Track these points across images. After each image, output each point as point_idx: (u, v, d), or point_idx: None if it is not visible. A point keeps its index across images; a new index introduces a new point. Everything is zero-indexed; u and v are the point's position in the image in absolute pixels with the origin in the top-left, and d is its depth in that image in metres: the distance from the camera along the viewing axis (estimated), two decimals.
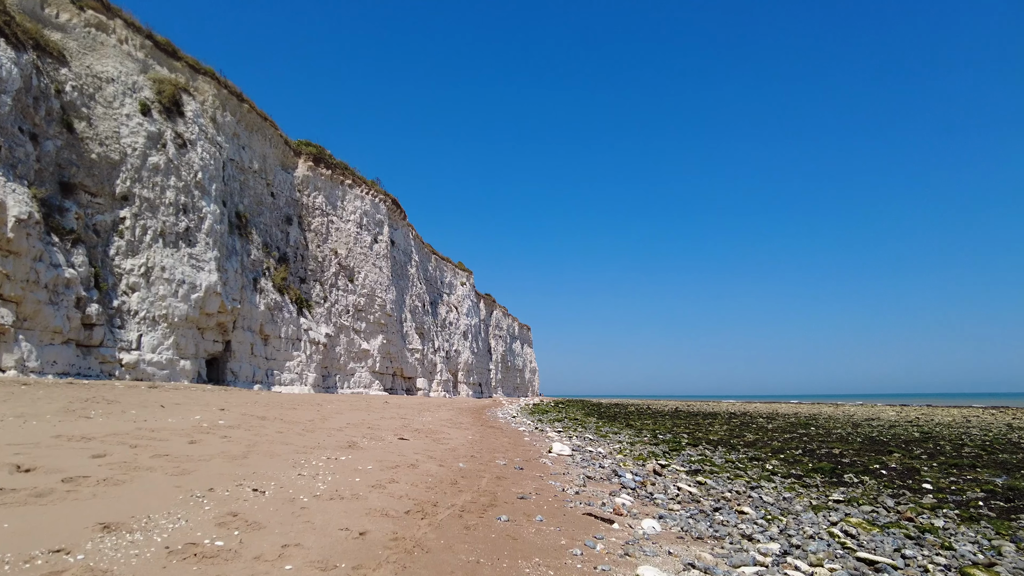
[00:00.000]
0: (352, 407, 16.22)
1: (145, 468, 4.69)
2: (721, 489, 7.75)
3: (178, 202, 21.71)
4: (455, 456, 8.38)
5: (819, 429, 22.02)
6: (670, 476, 8.73)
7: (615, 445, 13.23)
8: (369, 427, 10.73)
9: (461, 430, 13.09)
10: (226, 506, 3.99)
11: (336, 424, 10.55)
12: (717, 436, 18.21)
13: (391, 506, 4.73)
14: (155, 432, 6.56)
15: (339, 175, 33.31)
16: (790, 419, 29.92)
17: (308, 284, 30.55)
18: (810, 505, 7.00)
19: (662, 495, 7.00)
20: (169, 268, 20.89)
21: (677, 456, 11.77)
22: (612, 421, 25.44)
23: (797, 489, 8.22)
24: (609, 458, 10.60)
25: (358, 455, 7.17)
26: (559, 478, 7.51)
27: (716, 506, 6.51)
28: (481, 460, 8.32)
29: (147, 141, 20.90)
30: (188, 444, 6.17)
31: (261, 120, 28.31)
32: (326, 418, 11.58)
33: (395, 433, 10.27)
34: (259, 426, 8.77)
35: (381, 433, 9.99)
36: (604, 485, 7.42)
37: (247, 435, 7.56)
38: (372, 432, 9.97)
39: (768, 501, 7.08)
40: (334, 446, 7.67)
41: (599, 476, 8.07)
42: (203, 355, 22.91)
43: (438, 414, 19.06)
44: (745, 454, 12.84)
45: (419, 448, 8.73)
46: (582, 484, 7.11)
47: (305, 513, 4.13)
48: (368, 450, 7.73)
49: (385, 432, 10.26)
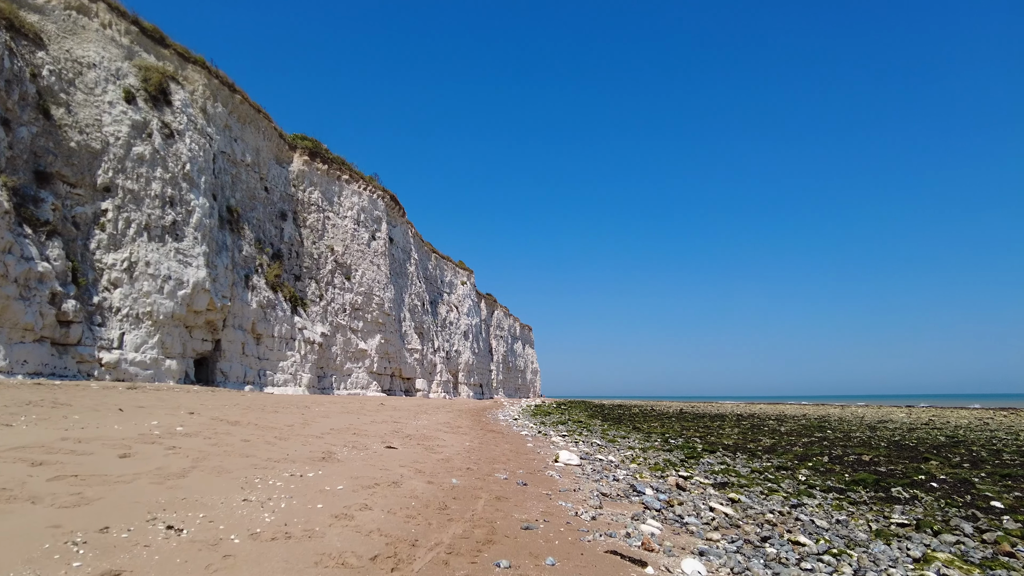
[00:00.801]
0: (343, 410, 15.00)
1: (25, 498, 3.48)
2: (760, 509, 6.52)
3: (164, 194, 20.53)
4: (448, 469, 7.15)
5: (835, 432, 20.76)
6: (696, 491, 7.51)
7: (626, 452, 12.00)
8: (355, 433, 9.52)
9: (458, 435, 11.87)
10: (108, 559, 2.78)
11: (317, 430, 9.34)
12: (731, 440, 16.97)
13: (354, 547, 3.52)
14: (81, 444, 5.35)
15: (336, 170, 32.12)
16: (801, 421, 28.65)
17: (303, 282, 29.35)
18: (872, 530, 5.78)
19: (694, 518, 5.78)
20: (154, 263, 19.71)
21: (696, 465, 10.54)
22: (618, 424, 24.21)
23: (845, 507, 7.00)
24: (622, 468, 9.38)
25: (331, 470, 5.96)
26: (570, 497, 6.29)
27: (764, 534, 5.29)
28: (478, 473, 7.10)
29: (131, 130, 19.73)
30: (117, 459, 4.97)
31: (254, 112, 27.14)
32: (308, 423, 10.37)
33: (383, 440, 9.05)
34: (225, 433, 7.56)
35: (366, 440, 8.77)
36: (623, 505, 6.19)
37: (203, 445, 6.35)
38: (356, 439, 8.76)
39: (821, 526, 5.85)
40: (305, 458, 6.45)
41: (616, 492, 6.85)
42: (191, 355, 21.71)
43: (435, 417, 17.84)
44: (769, 462, 11.61)
45: (407, 459, 7.52)
46: (598, 505, 5.89)
47: (226, 567, 2.92)
48: (345, 463, 6.51)
49: (371, 439, 9.05)
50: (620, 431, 19.45)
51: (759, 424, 25.84)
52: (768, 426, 24.44)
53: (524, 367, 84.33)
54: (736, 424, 25.67)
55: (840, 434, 19.93)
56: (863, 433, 20.38)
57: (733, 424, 25.65)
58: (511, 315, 79.04)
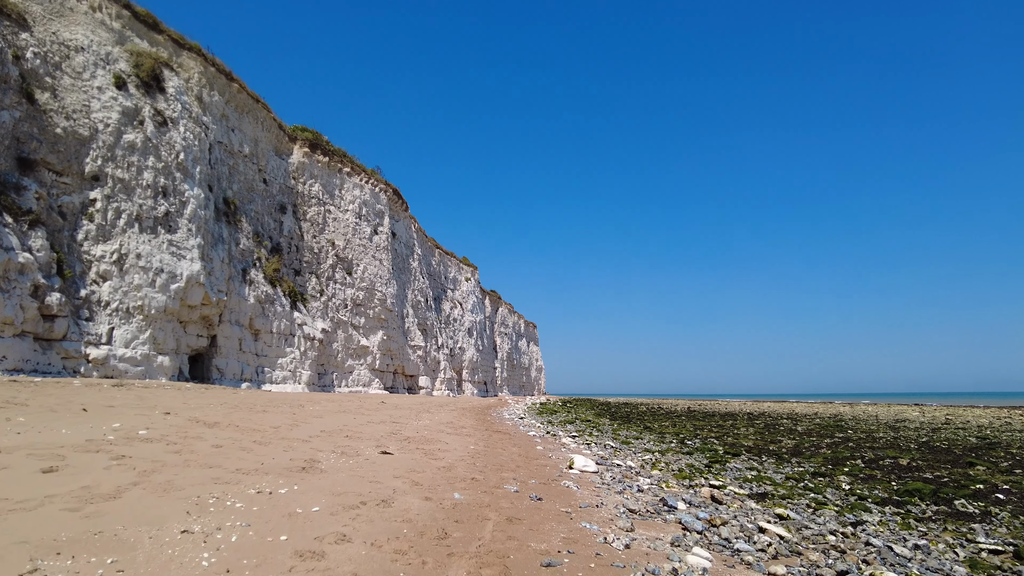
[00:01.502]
0: (339, 409, 14.00)
1: None
2: (816, 529, 5.48)
3: (157, 184, 19.57)
4: (450, 479, 6.13)
5: (856, 432, 19.65)
6: (734, 504, 6.47)
7: (644, 455, 10.95)
8: (347, 436, 8.51)
9: (462, 437, 10.85)
10: None
11: (306, 432, 8.34)
12: (750, 441, 15.90)
13: None
14: (1, 455, 4.36)
15: (337, 162, 31.12)
16: (815, 420, 27.51)
17: (303, 277, 28.38)
18: (964, 560, 4.73)
19: (745, 542, 4.74)
20: (146, 255, 18.76)
21: (723, 471, 9.49)
22: (627, 423, 23.15)
23: (913, 526, 5.94)
24: (644, 475, 8.34)
25: (310, 484, 4.95)
26: (594, 515, 5.26)
27: (838, 566, 4.24)
28: (485, 485, 6.08)
29: (122, 117, 18.77)
30: (37, 474, 3.98)
31: (252, 101, 26.16)
32: (298, 423, 9.37)
33: (378, 444, 8.03)
34: (196, 437, 6.56)
35: (359, 445, 7.75)
36: (657, 525, 5.16)
37: (161, 452, 5.36)
38: (348, 444, 7.75)
39: (901, 554, 4.79)
40: (282, 468, 5.45)
41: (645, 508, 5.81)
42: (185, 351, 20.77)
43: (438, 416, 16.83)
44: (800, 467, 10.55)
45: (404, 467, 6.50)
46: (629, 528, 4.86)
47: None
48: (329, 474, 5.50)
49: (365, 443, 8.04)
50: (632, 431, 18.40)
51: (773, 423, 24.74)
52: (783, 425, 23.34)
53: (529, 365, 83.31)
54: (749, 423, 24.58)
55: (862, 434, 18.82)
56: (886, 433, 19.26)
57: (746, 423, 24.56)
58: (515, 312, 77.99)
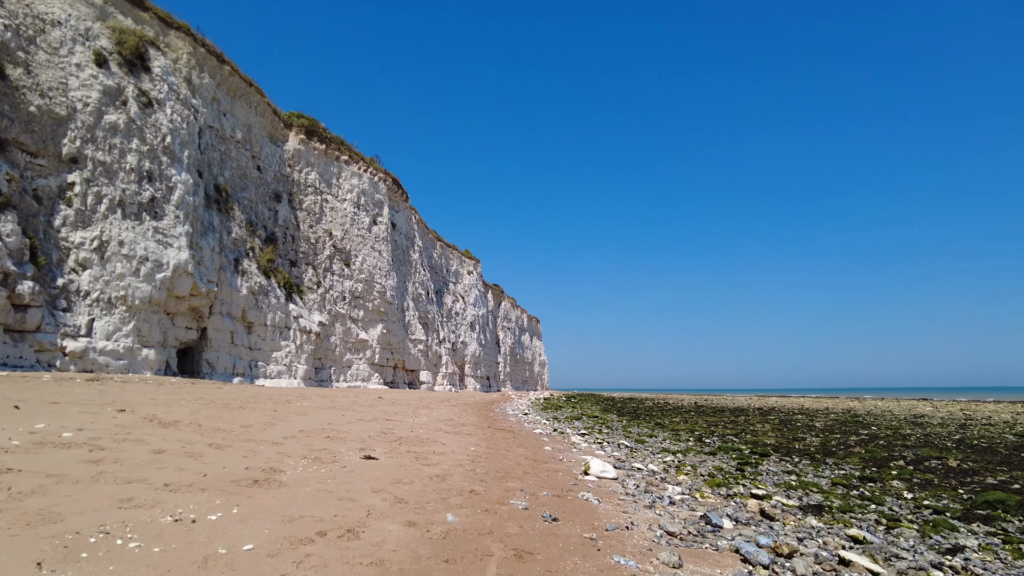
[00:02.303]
0: (330, 405, 12.82)
1: None
2: (910, 559, 4.25)
3: (141, 168, 18.37)
4: (444, 494, 4.92)
5: (882, 429, 18.39)
6: (790, 520, 5.25)
7: (665, 456, 9.73)
8: (328, 436, 7.31)
9: (461, 437, 9.65)
10: None
11: (279, 433, 7.14)
12: (772, 439, 14.68)
13: None
14: None
15: (334, 150, 29.89)
16: (831, 416, 26.25)
17: (299, 268, 27.21)
18: None
19: None
20: (129, 243, 17.59)
21: (757, 474, 8.27)
22: (636, 419, 21.95)
23: (1021, 548, 4.73)
24: (671, 480, 7.14)
25: (256, 504, 3.76)
26: (625, 542, 4.05)
27: None
28: (487, 500, 4.87)
29: (103, 96, 17.56)
30: None
31: (245, 85, 24.93)
32: (275, 422, 8.19)
33: (362, 447, 6.84)
34: (137, 440, 5.38)
35: (339, 448, 6.56)
36: (709, 557, 3.95)
37: (73, 463, 4.18)
38: (327, 446, 6.55)
39: None
40: (228, 481, 4.26)
41: (685, 530, 4.60)
42: (173, 344, 19.61)
43: (437, 412, 15.65)
44: (841, 469, 9.33)
45: (388, 476, 5.31)
46: (675, 563, 3.64)
47: None
48: (289, 488, 4.31)
49: (348, 445, 6.84)
50: (643, 428, 17.20)
51: (788, 419, 23.50)
52: (798, 421, 22.11)
53: (532, 359, 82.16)
54: (763, 419, 23.35)
55: (887, 430, 17.57)
56: (912, 430, 18.00)
57: (759, 419, 23.33)
58: (518, 306, 76.80)
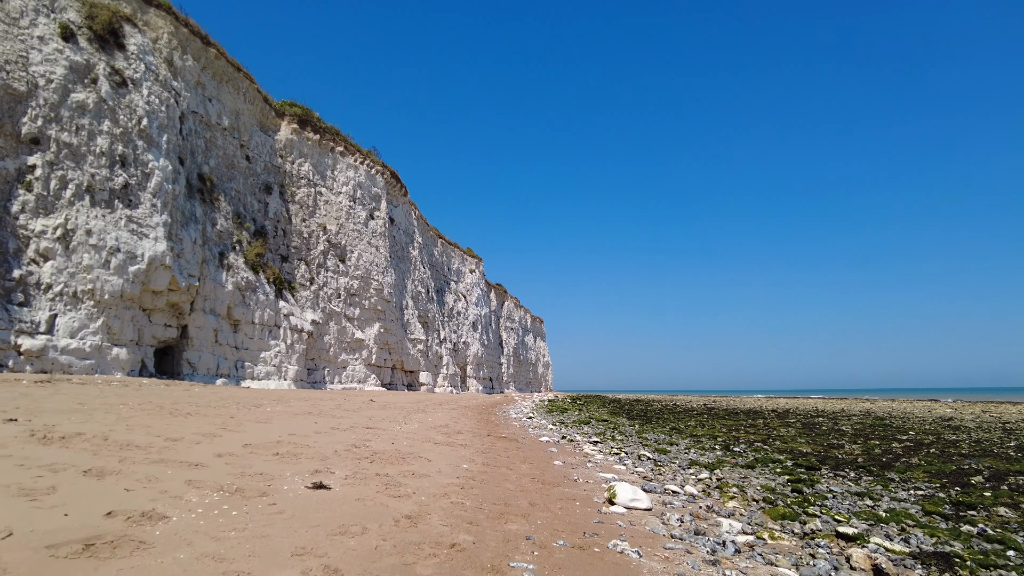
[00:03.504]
0: (307, 410, 11.16)
1: None
2: None
3: (113, 152, 16.80)
4: (408, 555, 3.25)
5: (921, 434, 16.63)
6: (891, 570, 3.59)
7: (698, 472, 8.04)
8: (277, 453, 5.67)
9: (454, 449, 7.99)
10: None
11: (210, 450, 5.49)
12: (806, 446, 12.96)
13: None
14: None
15: (329, 140, 28.31)
16: (854, 419, 24.45)
17: (291, 263, 25.61)
18: None
19: None
20: (98, 232, 16.00)
21: (819, 497, 6.58)
22: (648, 423, 20.24)
23: None
24: (722, 510, 5.48)
25: None
26: None
27: None
28: (475, 563, 3.20)
29: (69, 73, 15.99)
30: None
31: (233, 70, 23.37)
32: (219, 434, 6.55)
33: (318, 468, 5.18)
34: None
35: (284, 471, 4.90)
36: None
37: None
38: (266, 469, 4.90)
39: None
40: (47, 544, 2.62)
41: None
42: (150, 343, 17.99)
43: (433, 416, 14.00)
44: (920, 489, 7.63)
45: (332, 522, 3.65)
46: None
47: None
48: (151, 552, 2.67)
49: (299, 466, 5.19)
50: (658, 433, 15.51)
51: (810, 423, 21.73)
52: (822, 425, 20.36)
53: (536, 360, 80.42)
54: (783, 423, 21.59)
55: (929, 436, 15.82)
56: (958, 436, 16.22)
57: (779, 422, 21.58)
58: (522, 306, 75.11)
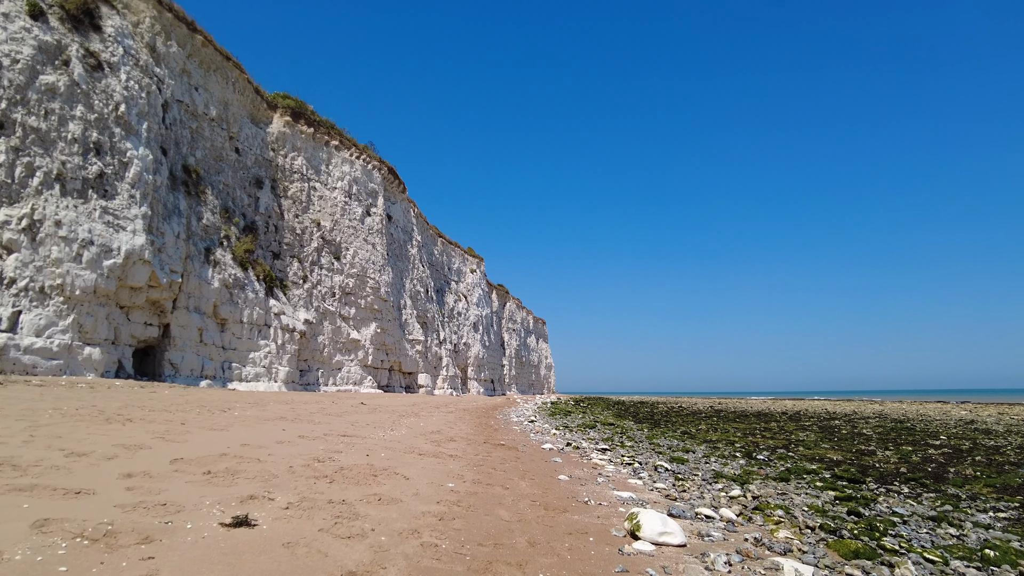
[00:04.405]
0: (280, 415, 9.91)
1: None
2: None
3: (87, 139, 15.64)
4: None
5: (954, 439, 15.32)
6: None
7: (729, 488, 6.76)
8: (209, 472, 4.44)
9: (441, 462, 6.74)
10: None
11: (111, 472, 4.25)
12: (835, 454, 11.68)
13: None
14: None
15: (324, 134, 27.16)
16: (870, 423, 23.10)
17: (283, 260, 24.43)
18: None
19: None
20: (69, 223, 14.83)
21: (887, 523, 5.31)
22: (656, 426, 18.96)
23: None
24: (775, 544, 4.22)
25: None
26: None
27: None
28: None
29: (38, 53, 14.85)
30: None
31: (222, 59, 22.25)
32: (148, 445, 5.32)
33: (253, 494, 3.96)
34: None
35: (204, 499, 3.68)
36: None
37: None
38: (177, 499, 3.67)
39: None
40: None
41: None
42: (128, 342, 16.79)
43: (426, 421, 12.76)
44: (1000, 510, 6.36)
45: None
46: None
47: None
48: None
49: (230, 491, 3.96)
50: (669, 438, 14.24)
51: (827, 426, 20.42)
52: (841, 428, 19.05)
53: (538, 362, 79.08)
54: (798, 426, 20.29)
55: (964, 441, 14.51)
56: (996, 440, 14.89)
57: (794, 426, 20.28)
58: (524, 308, 73.84)
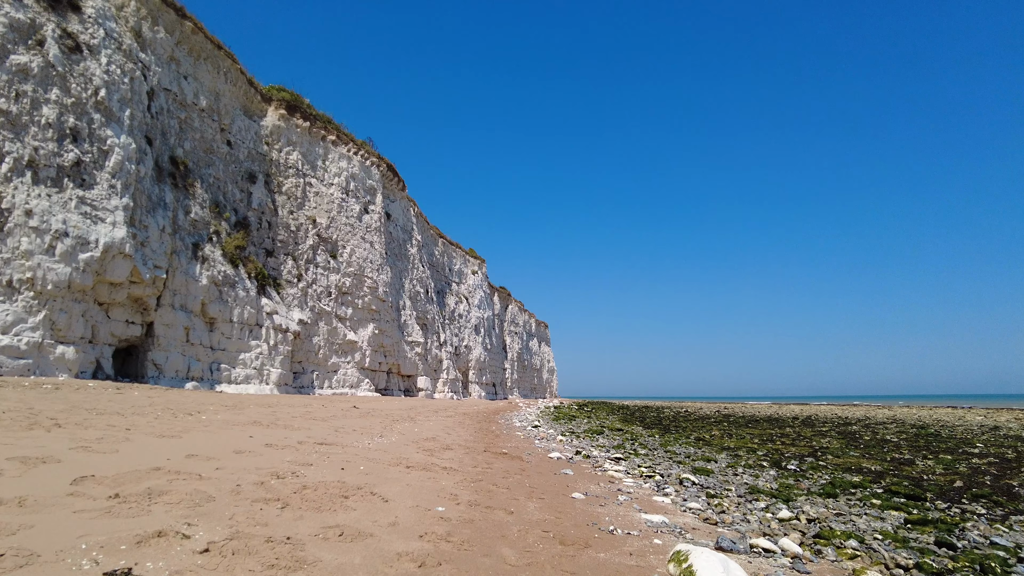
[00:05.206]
0: (255, 419, 8.81)
1: None
2: None
3: (62, 124, 14.61)
4: None
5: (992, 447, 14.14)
6: None
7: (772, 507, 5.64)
8: (116, 496, 3.36)
9: (433, 476, 5.64)
10: None
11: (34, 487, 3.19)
12: (869, 463, 10.52)
13: None
14: None
15: (320, 129, 26.16)
16: (891, 428, 21.89)
17: (276, 258, 23.37)
18: None
19: None
20: (41, 213, 13.76)
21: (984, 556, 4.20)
22: (666, 432, 17.80)
23: None
24: None
25: None
26: None
27: None
28: None
29: (8, 32, 13.84)
30: None
31: (213, 47, 21.27)
32: (54, 460, 4.19)
33: (162, 530, 2.88)
34: None
35: (80, 542, 2.60)
36: None
37: None
38: (59, 536, 2.59)
39: None
40: None
41: None
42: (107, 341, 15.70)
43: (422, 427, 11.63)
44: None
45: None
46: None
47: None
48: None
49: (139, 520, 2.89)
50: (683, 446, 13.10)
51: (846, 431, 19.23)
52: (862, 435, 17.86)
53: (540, 366, 77.84)
54: (815, 432, 19.12)
55: (1008, 450, 13.33)
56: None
57: (812, 431, 19.10)
58: (526, 310, 72.70)
